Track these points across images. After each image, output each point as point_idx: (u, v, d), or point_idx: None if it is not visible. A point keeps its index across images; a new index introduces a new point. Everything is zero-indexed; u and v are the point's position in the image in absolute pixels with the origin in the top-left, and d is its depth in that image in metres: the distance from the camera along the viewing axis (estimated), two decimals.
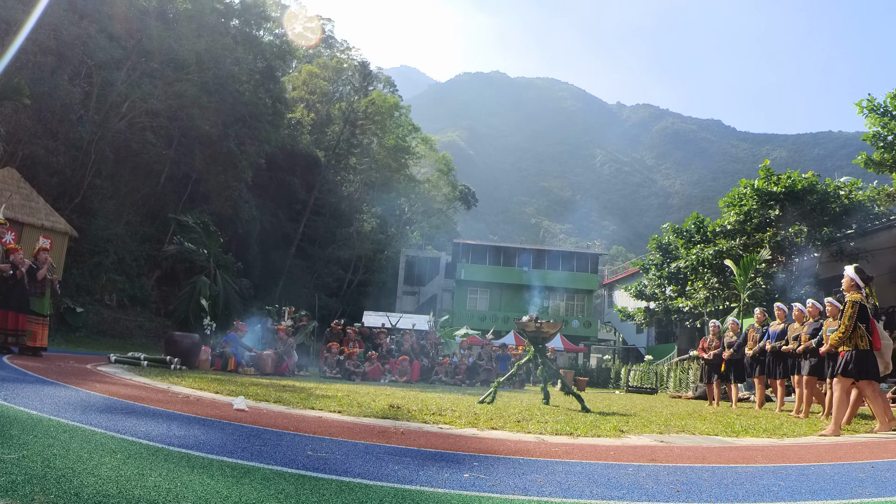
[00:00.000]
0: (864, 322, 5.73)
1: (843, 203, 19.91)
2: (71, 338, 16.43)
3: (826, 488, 2.88)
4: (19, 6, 17.81)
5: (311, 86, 39.17)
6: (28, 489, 1.83)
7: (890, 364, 6.10)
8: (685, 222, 25.88)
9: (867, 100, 17.93)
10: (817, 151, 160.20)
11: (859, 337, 5.73)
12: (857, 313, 5.74)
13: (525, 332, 8.23)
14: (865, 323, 5.74)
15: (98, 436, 2.89)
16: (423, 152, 45.04)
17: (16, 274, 8.69)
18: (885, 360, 6.06)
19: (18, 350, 8.72)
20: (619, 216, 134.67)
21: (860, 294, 5.86)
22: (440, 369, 14.54)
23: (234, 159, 25.91)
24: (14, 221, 14.84)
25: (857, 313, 5.74)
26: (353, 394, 7.19)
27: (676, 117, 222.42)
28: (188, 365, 10.75)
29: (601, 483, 2.75)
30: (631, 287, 30.14)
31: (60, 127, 19.77)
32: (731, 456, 4.01)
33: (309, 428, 3.92)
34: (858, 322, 5.73)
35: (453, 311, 35.48)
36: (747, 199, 21.10)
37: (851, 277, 6.01)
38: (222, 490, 2.07)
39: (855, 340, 5.75)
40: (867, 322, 5.75)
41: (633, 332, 40.99)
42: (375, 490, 2.29)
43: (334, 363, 13.27)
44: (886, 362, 6.06)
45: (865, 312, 5.77)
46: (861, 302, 5.79)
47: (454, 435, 4.12)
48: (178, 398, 5.16)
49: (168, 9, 24.23)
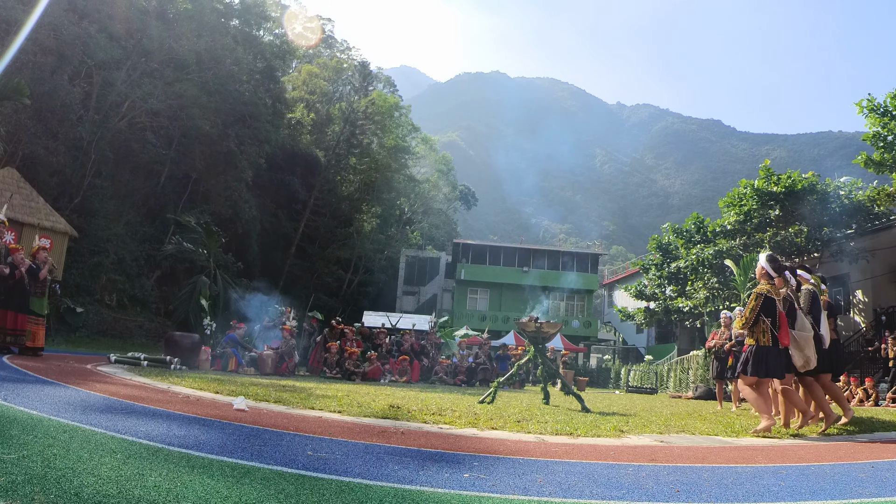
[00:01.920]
0: (769, 316, 5.30)
1: (843, 203, 19.91)
2: (71, 338, 16.43)
3: (826, 488, 2.88)
4: (19, 6, 17.81)
5: (311, 86, 39.16)
6: (28, 489, 1.83)
7: (813, 358, 5.45)
8: (685, 222, 25.89)
9: (867, 100, 17.94)
10: (817, 151, 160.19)
11: (761, 332, 5.32)
12: (759, 306, 5.31)
13: (525, 332, 8.23)
14: (771, 317, 5.30)
15: (98, 436, 2.89)
16: (423, 152, 45.04)
17: (15, 274, 8.68)
18: (804, 354, 5.46)
19: (18, 350, 8.72)
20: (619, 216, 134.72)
21: (770, 285, 5.46)
22: (440, 369, 14.54)
23: (234, 159, 25.91)
24: (14, 221, 14.83)
25: (759, 306, 5.31)
26: (353, 394, 7.19)
27: (676, 117, 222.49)
28: (188, 365, 10.75)
29: (601, 483, 2.75)
30: (631, 287, 30.16)
31: (60, 127, 19.77)
32: (731, 456, 4.01)
33: (309, 428, 3.91)
34: (763, 316, 5.31)
35: (453, 311, 35.47)
36: (747, 199, 21.11)
37: (762, 266, 5.60)
38: (222, 490, 2.07)
39: (757, 335, 5.35)
40: (773, 316, 5.30)
41: (633, 332, 41.00)
42: (375, 490, 2.29)
43: (334, 363, 13.27)
44: (807, 356, 5.45)
45: (771, 305, 5.32)
46: (767, 294, 5.35)
47: (454, 435, 4.12)
48: (178, 398, 5.16)
49: (168, 9, 24.22)
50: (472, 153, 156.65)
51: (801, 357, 5.47)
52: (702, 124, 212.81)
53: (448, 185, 45.03)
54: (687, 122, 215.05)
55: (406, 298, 40.28)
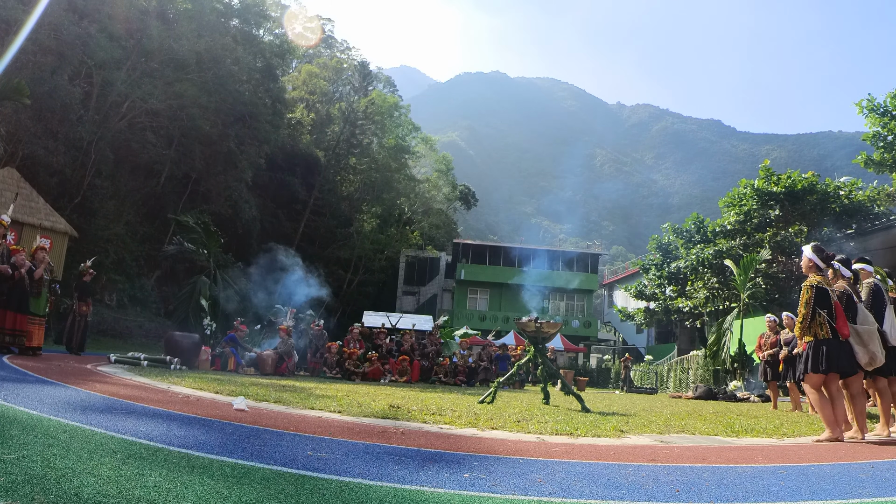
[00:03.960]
0: (824, 308, 4.97)
1: (843, 203, 19.93)
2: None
3: (826, 488, 2.88)
4: (19, 6, 17.82)
5: (311, 86, 39.18)
6: (28, 489, 1.83)
7: (878, 355, 5.04)
8: (685, 222, 25.90)
9: (867, 100, 17.95)
10: (817, 151, 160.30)
11: (818, 325, 4.99)
12: (814, 298, 4.99)
13: (525, 332, 8.22)
14: (827, 308, 4.97)
15: (98, 436, 2.89)
16: (423, 152, 45.04)
17: (14, 275, 8.69)
18: (869, 350, 5.04)
19: (18, 350, 8.72)
20: (619, 216, 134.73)
21: (821, 276, 5.12)
22: (440, 369, 14.53)
23: (234, 159, 25.92)
24: (14, 221, 14.82)
25: (814, 298, 4.99)
26: (353, 394, 7.19)
27: (676, 117, 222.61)
28: (188, 365, 10.75)
29: (601, 483, 2.75)
30: (631, 287, 30.17)
31: (60, 127, 19.77)
32: (731, 456, 4.01)
33: (309, 428, 3.91)
34: (818, 308, 4.98)
35: (453, 311, 35.47)
36: (747, 199, 21.12)
37: (809, 258, 5.23)
38: (222, 490, 2.07)
39: (815, 329, 5.02)
40: (829, 307, 4.97)
41: (633, 332, 41.02)
42: (375, 490, 2.29)
43: (334, 363, 13.27)
44: (872, 352, 5.03)
45: (826, 296, 4.99)
46: (820, 285, 5.02)
47: (454, 435, 4.12)
48: (178, 398, 5.15)
49: (168, 9, 24.23)
50: (472, 153, 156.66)
51: (867, 353, 5.05)
52: (702, 124, 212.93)
53: (448, 185, 45.01)
54: (687, 122, 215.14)
55: (406, 298, 40.28)
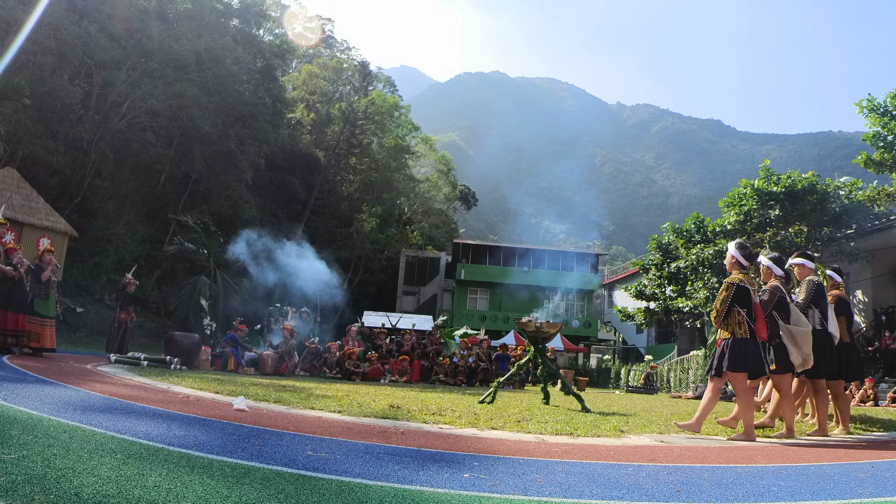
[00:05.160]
0: (744, 307, 4.93)
1: (843, 203, 19.90)
2: (71, 338, 16.44)
3: (826, 488, 2.88)
4: (19, 6, 17.82)
5: (311, 86, 39.17)
6: (28, 489, 1.83)
7: (810, 357, 5.00)
8: (685, 222, 25.88)
9: (867, 100, 17.93)
10: (817, 151, 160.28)
11: (736, 323, 4.94)
12: (731, 296, 4.95)
13: (525, 332, 8.22)
14: (746, 308, 4.93)
15: (98, 436, 2.89)
16: (423, 152, 45.03)
17: (15, 275, 8.67)
18: (802, 351, 5.00)
19: (18, 350, 8.71)
20: (619, 216, 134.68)
21: (742, 274, 5.06)
22: (440, 369, 14.53)
23: (234, 159, 25.92)
24: (14, 221, 14.85)
25: (731, 296, 4.95)
26: (353, 394, 7.19)
27: (676, 117, 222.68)
28: (188, 365, 10.75)
29: (601, 483, 2.75)
30: (631, 287, 30.14)
31: (60, 127, 19.78)
32: (731, 456, 4.01)
33: (309, 428, 3.91)
34: (737, 307, 4.93)
35: (453, 311, 35.46)
36: (747, 199, 21.09)
37: (732, 255, 5.19)
38: (222, 490, 2.07)
39: (732, 327, 4.96)
40: (748, 307, 4.93)
41: (633, 332, 40.99)
42: (375, 490, 2.29)
43: (334, 363, 13.26)
44: (805, 354, 4.99)
45: (746, 295, 4.94)
46: (741, 283, 4.97)
47: (454, 435, 4.12)
48: (178, 398, 5.15)
49: (168, 9, 24.23)
50: (472, 153, 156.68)
51: (799, 354, 5.05)
52: (702, 124, 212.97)
53: (448, 185, 45.00)
54: (687, 122, 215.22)
55: (406, 298, 40.27)
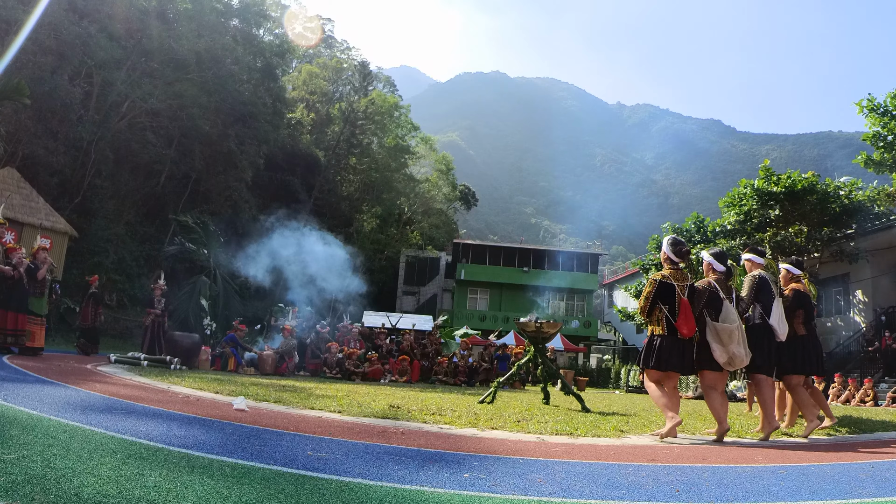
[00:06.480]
0: (666, 303, 4.81)
1: (843, 203, 19.90)
2: (71, 338, 16.42)
3: (826, 488, 2.88)
4: (19, 6, 17.82)
5: (311, 86, 39.18)
6: (28, 489, 1.83)
7: (740, 355, 4.76)
8: (685, 222, 25.88)
9: (867, 100, 17.96)
10: (817, 151, 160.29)
11: (656, 320, 4.86)
12: (654, 292, 4.85)
13: (525, 332, 8.22)
14: (669, 304, 4.81)
15: (98, 436, 2.89)
16: (422, 152, 45.03)
17: (14, 275, 8.68)
18: (727, 350, 4.76)
19: (18, 350, 8.72)
20: (619, 216, 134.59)
21: (672, 269, 4.95)
22: (440, 369, 14.53)
23: (234, 159, 25.91)
24: (14, 221, 14.85)
25: (654, 292, 4.85)
26: (353, 394, 7.19)
27: (676, 117, 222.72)
28: (188, 365, 10.75)
29: (601, 483, 2.75)
30: (631, 287, 30.16)
31: (60, 127, 19.78)
32: (731, 456, 4.01)
33: (309, 428, 3.91)
34: (660, 303, 4.83)
35: (453, 311, 35.46)
36: (747, 199, 21.10)
37: (664, 250, 5.08)
38: (222, 490, 2.07)
39: (653, 324, 4.90)
40: (671, 303, 4.80)
41: (633, 332, 40.99)
42: (375, 490, 2.29)
43: (334, 363, 13.25)
44: (731, 353, 4.75)
45: (670, 292, 4.81)
46: (666, 280, 4.85)
47: (454, 435, 4.12)
48: (178, 398, 5.16)
49: (168, 9, 24.23)
50: (472, 153, 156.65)
51: (725, 352, 4.77)
52: (702, 124, 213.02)
53: (448, 185, 45.00)
54: (687, 122, 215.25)
55: (406, 298, 40.27)
